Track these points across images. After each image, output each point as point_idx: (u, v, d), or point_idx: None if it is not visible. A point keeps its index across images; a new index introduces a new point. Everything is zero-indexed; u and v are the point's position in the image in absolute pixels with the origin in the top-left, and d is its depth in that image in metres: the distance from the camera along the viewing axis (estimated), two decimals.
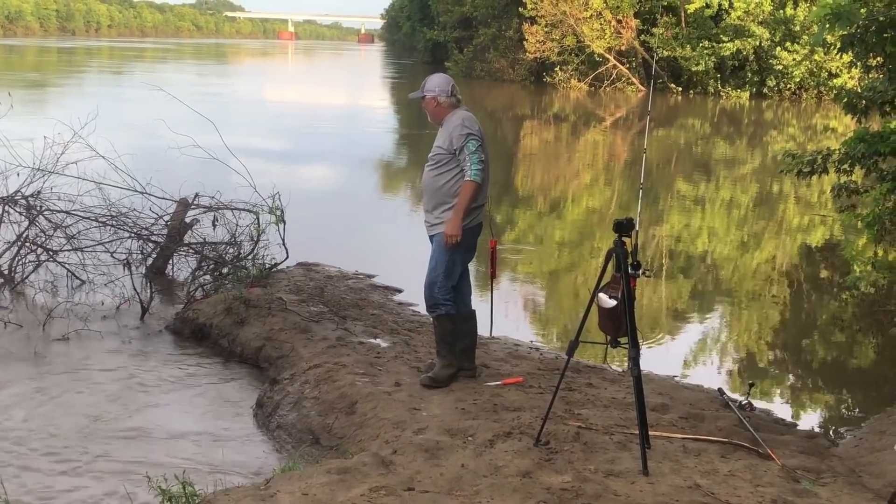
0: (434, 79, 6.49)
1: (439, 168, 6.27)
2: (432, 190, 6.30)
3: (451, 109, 6.36)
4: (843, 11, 6.69)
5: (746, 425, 5.77)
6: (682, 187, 18.59)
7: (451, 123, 6.29)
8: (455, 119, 6.31)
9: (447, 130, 6.27)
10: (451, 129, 6.24)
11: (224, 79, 53.54)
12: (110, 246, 9.10)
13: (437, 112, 6.43)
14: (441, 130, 6.37)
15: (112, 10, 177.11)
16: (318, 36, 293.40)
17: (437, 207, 6.30)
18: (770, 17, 41.86)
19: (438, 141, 6.36)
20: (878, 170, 8.93)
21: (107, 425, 6.12)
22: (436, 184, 6.27)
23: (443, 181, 6.24)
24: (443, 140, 6.30)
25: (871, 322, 9.34)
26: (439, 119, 6.44)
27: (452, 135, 6.20)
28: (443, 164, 6.27)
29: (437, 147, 6.36)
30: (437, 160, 6.30)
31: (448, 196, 6.22)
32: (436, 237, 6.31)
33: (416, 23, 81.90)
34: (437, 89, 6.37)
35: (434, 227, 6.32)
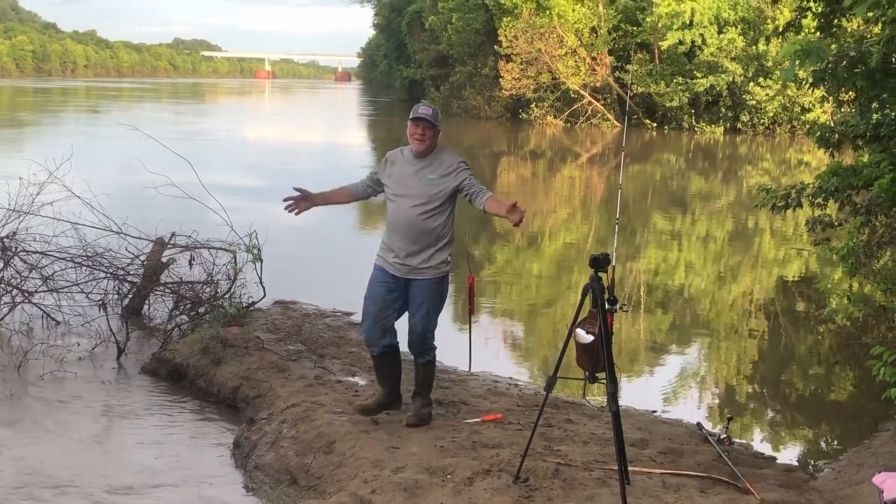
0: (437, 109, 6.23)
1: (433, 210, 6.00)
2: (420, 232, 5.99)
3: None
4: (813, 48, 6.77)
5: (725, 459, 5.77)
6: (658, 222, 18.68)
7: (445, 158, 6.10)
8: (447, 153, 6.16)
9: (441, 165, 6.03)
10: (446, 163, 6.04)
11: (201, 118, 53.51)
12: (86, 287, 9.04)
13: (433, 145, 6.12)
14: (427, 166, 6.04)
15: (88, 51, 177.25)
16: (295, 74, 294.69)
17: (424, 250, 6.01)
18: (743, 54, 42.34)
19: (431, 178, 6.02)
20: (851, 203, 9.01)
21: (81, 468, 6.04)
22: (426, 226, 5.99)
23: (435, 223, 6.02)
24: (439, 176, 6.02)
25: (847, 355, 9.38)
26: (430, 151, 6.11)
27: (452, 170, 6.01)
28: (438, 206, 6.01)
29: (431, 184, 6.01)
30: (431, 200, 5.99)
31: (439, 239, 6.04)
32: (424, 283, 6.06)
33: (393, 61, 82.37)
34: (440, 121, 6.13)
35: (421, 272, 6.04)
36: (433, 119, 6.04)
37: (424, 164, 6.07)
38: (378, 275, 6.21)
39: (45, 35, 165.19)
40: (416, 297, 6.10)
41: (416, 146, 6.06)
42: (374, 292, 6.18)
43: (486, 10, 51.70)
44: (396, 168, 6.18)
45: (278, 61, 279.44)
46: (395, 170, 6.18)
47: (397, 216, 6.07)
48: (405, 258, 6.04)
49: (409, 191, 6.04)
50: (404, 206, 6.02)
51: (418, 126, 6.01)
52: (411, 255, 6.03)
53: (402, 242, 6.04)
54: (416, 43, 65.30)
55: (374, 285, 6.20)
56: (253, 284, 9.33)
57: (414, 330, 6.14)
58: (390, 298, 6.12)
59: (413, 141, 6.06)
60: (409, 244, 6.02)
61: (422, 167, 6.07)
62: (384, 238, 6.24)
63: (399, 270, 6.09)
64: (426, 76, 62.56)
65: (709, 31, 43.03)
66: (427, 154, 6.10)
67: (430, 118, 6.02)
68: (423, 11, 63.79)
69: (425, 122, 6.01)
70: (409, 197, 6.03)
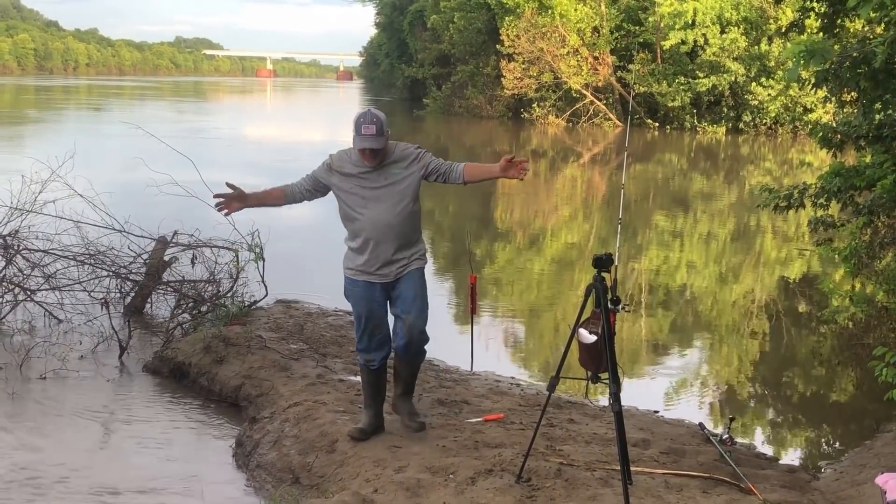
0: (381, 114, 5.63)
1: (409, 204, 5.74)
2: (403, 232, 5.74)
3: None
4: (816, 48, 6.76)
5: (728, 460, 5.77)
6: (660, 222, 18.67)
7: (400, 151, 5.76)
8: (400, 146, 5.80)
9: (400, 157, 5.71)
10: (404, 153, 5.73)
11: (203, 116, 53.51)
12: (88, 285, 9.05)
13: (385, 155, 5.71)
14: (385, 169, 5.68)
15: (90, 49, 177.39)
16: (297, 73, 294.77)
17: (410, 245, 5.80)
18: (745, 54, 42.29)
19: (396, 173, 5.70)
20: (853, 204, 9.01)
21: (84, 467, 6.05)
22: (408, 224, 5.76)
23: (414, 217, 5.81)
24: (403, 169, 5.71)
25: (850, 355, 9.37)
26: (384, 157, 5.70)
27: (413, 157, 5.73)
28: (413, 199, 5.76)
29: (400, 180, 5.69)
30: (405, 195, 5.70)
31: (417, 231, 5.89)
32: (413, 275, 5.81)
33: (395, 60, 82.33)
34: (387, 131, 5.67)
35: (409, 265, 5.80)
36: (377, 144, 5.56)
37: (386, 166, 5.72)
38: (360, 291, 5.84)
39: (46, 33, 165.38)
40: (408, 293, 5.80)
41: (369, 163, 5.67)
42: (364, 309, 5.85)
43: (489, 10, 51.70)
44: (350, 176, 5.73)
45: (280, 60, 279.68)
46: (348, 179, 5.73)
47: (375, 224, 5.67)
48: (392, 261, 5.75)
49: (380, 195, 5.69)
50: (380, 213, 5.67)
51: (364, 152, 5.62)
52: (398, 256, 5.76)
53: (384, 248, 5.71)
54: (418, 42, 65.29)
55: (361, 303, 5.85)
56: (255, 283, 9.34)
57: (413, 328, 5.79)
58: (379, 310, 5.87)
59: (366, 160, 5.67)
60: (394, 247, 5.73)
61: (385, 169, 5.71)
62: (353, 249, 5.83)
63: (385, 277, 5.79)
64: (428, 75, 62.52)
65: (711, 30, 43.00)
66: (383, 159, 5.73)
67: (375, 145, 5.56)
68: (425, 10, 63.77)
69: (370, 151, 5.61)
70: (383, 201, 5.68)
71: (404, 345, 5.86)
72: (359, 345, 6.01)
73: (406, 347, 5.88)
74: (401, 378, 6.13)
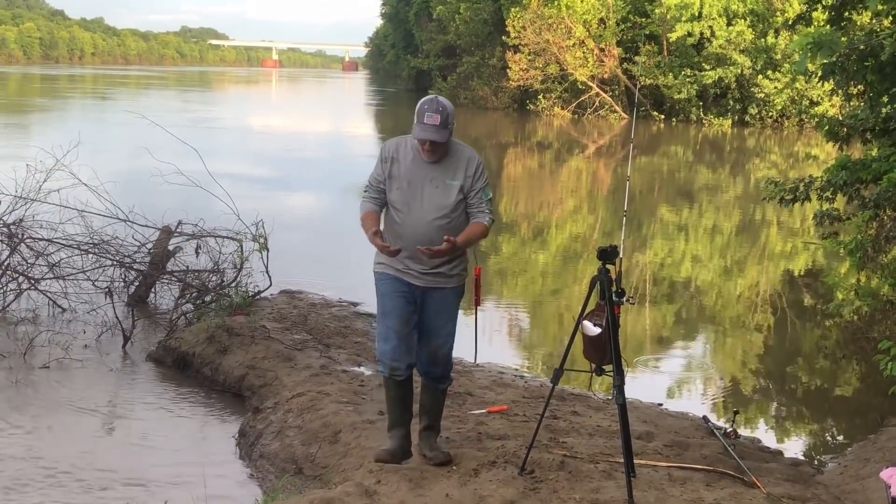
0: (448, 104, 5.13)
1: (456, 217, 5.17)
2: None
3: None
4: (824, 40, 6.74)
5: (731, 453, 5.76)
6: (665, 214, 18.64)
7: (462, 157, 5.20)
8: (465, 152, 5.24)
9: (459, 165, 5.16)
10: (464, 164, 5.16)
11: (208, 106, 53.51)
12: (92, 274, 9.05)
13: (446, 151, 5.18)
14: (444, 168, 5.15)
15: (96, 38, 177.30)
16: (302, 64, 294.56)
17: (450, 259, 5.18)
18: (751, 46, 42.18)
19: (451, 183, 5.14)
20: (859, 197, 8.98)
21: (88, 456, 6.05)
22: (453, 234, 5.05)
23: (458, 229, 5.14)
24: (454, 178, 5.15)
25: (854, 349, 9.35)
26: (444, 154, 5.17)
27: (470, 173, 5.14)
28: (458, 209, 5.18)
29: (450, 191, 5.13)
30: (453, 208, 5.14)
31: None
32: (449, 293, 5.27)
33: (401, 51, 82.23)
34: (452, 122, 5.12)
35: (449, 279, 5.25)
36: (441, 138, 5.04)
37: (440, 167, 5.17)
38: (391, 285, 5.23)
39: (52, 22, 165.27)
40: (440, 312, 5.27)
41: (427, 157, 5.16)
42: (392, 305, 5.21)
43: (495, 1, 51.66)
44: (402, 169, 5.20)
45: (285, 50, 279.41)
46: (401, 170, 5.20)
47: (413, 229, 5.13)
48: (425, 271, 5.18)
49: (426, 200, 5.15)
50: (421, 218, 5.12)
51: (425, 143, 5.09)
52: (435, 266, 5.17)
53: (419, 257, 5.11)
54: (424, 33, 65.18)
55: (391, 297, 5.22)
56: (259, 273, 9.32)
57: (438, 352, 5.29)
58: (410, 311, 5.23)
59: (423, 153, 5.15)
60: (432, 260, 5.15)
61: (438, 170, 5.16)
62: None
63: (420, 279, 5.20)
64: (433, 66, 62.45)
65: (717, 23, 42.89)
66: (441, 154, 5.18)
67: (438, 138, 5.03)
68: (430, 1, 63.63)
69: (432, 142, 5.08)
70: (426, 208, 5.14)
71: (425, 369, 5.37)
72: (383, 347, 5.27)
73: (426, 373, 5.38)
74: (425, 407, 5.50)
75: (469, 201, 5.21)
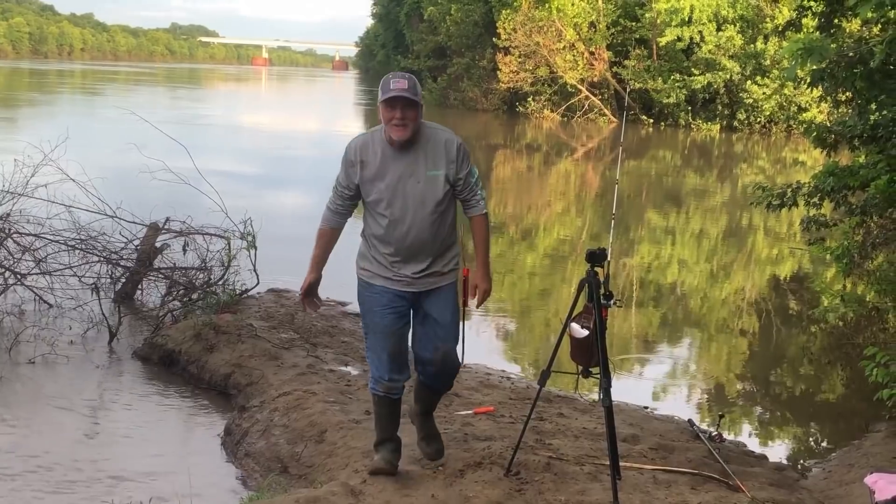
0: (412, 78, 4.71)
1: (444, 209, 4.78)
2: (435, 241, 4.78)
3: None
4: (814, 47, 6.77)
5: (716, 457, 5.77)
6: (653, 218, 18.68)
7: (438, 138, 4.75)
8: (440, 134, 4.77)
9: (438, 151, 4.71)
10: (442, 150, 4.72)
11: (197, 103, 53.36)
12: (79, 270, 9.00)
13: (418, 127, 4.70)
14: (421, 158, 4.69)
15: (85, 34, 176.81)
16: (293, 62, 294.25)
17: (444, 253, 4.84)
18: (741, 52, 42.30)
19: (432, 174, 4.69)
20: (847, 203, 9.01)
21: (72, 452, 6.03)
22: (441, 230, 4.79)
23: (448, 220, 4.84)
24: (435, 167, 4.69)
25: (839, 354, 9.38)
26: (416, 137, 4.70)
27: (452, 157, 4.71)
28: (446, 202, 4.78)
29: (434, 183, 4.70)
30: (440, 201, 4.73)
31: (450, 237, 4.90)
32: (446, 290, 4.90)
33: (391, 51, 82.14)
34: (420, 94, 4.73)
35: (444, 276, 4.87)
36: (412, 94, 4.59)
37: (416, 157, 4.70)
38: (378, 298, 4.83)
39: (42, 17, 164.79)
40: (442, 312, 4.87)
41: (398, 134, 4.62)
42: (383, 324, 4.82)
43: (485, 2, 51.67)
44: (374, 169, 4.73)
45: (276, 49, 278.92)
46: (373, 172, 4.73)
47: (402, 232, 4.72)
48: (420, 273, 4.81)
49: (410, 199, 4.70)
50: (408, 219, 4.70)
51: (395, 107, 4.58)
52: (429, 265, 4.81)
53: (410, 256, 4.78)
54: (415, 33, 65.15)
55: (381, 315, 4.82)
56: (247, 271, 9.30)
57: (446, 358, 4.91)
58: (402, 325, 4.87)
59: (393, 130, 4.63)
60: (423, 256, 4.79)
61: (415, 162, 4.70)
62: (373, 250, 4.88)
63: (413, 285, 4.81)
64: (424, 67, 62.40)
65: (707, 28, 43.00)
66: (414, 141, 4.69)
67: (409, 94, 4.57)
68: (421, 2, 63.58)
69: (403, 101, 4.58)
70: (412, 207, 4.70)
71: (434, 374, 4.98)
72: (376, 369, 4.90)
73: (436, 377, 5.01)
74: (422, 401, 5.25)
75: (457, 190, 4.80)
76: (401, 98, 4.57)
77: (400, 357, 4.88)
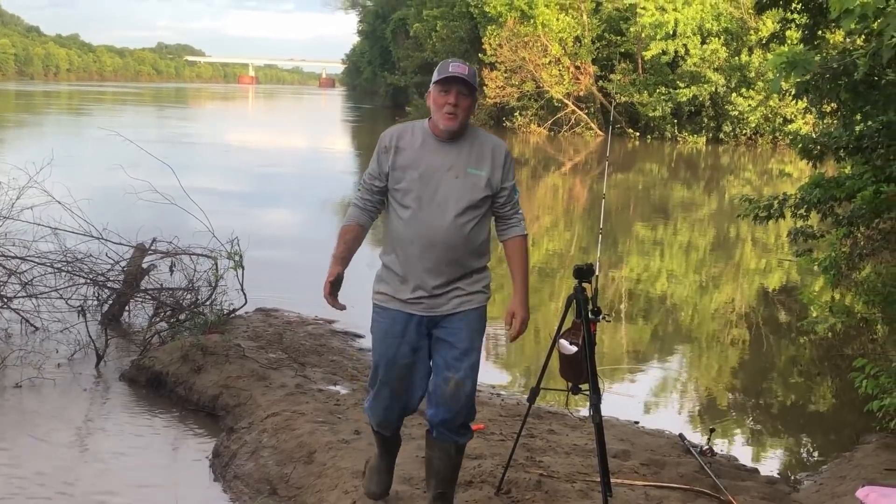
0: (472, 67, 4.32)
1: (480, 216, 4.26)
2: (466, 249, 4.24)
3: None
4: (798, 59, 6.78)
5: (708, 471, 5.76)
6: (640, 231, 18.70)
7: (486, 142, 4.31)
8: (489, 138, 4.37)
9: (484, 153, 4.26)
10: (489, 152, 4.28)
11: (184, 122, 53.32)
12: (65, 292, 8.94)
13: (467, 121, 4.29)
14: (465, 153, 4.24)
15: (71, 55, 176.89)
16: (279, 80, 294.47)
17: (471, 273, 4.31)
18: (725, 64, 42.52)
19: (473, 172, 4.21)
20: (833, 214, 9.04)
21: (60, 475, 5.97)
22: (474, 240, 4.26)
23: (482, 234, 4.32)
24: (484, 171, 4.22)
25: (829, 366, 9.40)
26: (464, 131, 4.28)
27: (499, 162, 4.27)
28: (484, 211, 4.28)
29: (474, 182, 4.20)
30: (477, 204, 4.22)
31: (482, 254, 4.37)
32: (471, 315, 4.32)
33: (377, 68, 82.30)
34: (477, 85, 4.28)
35: (469, 300, 4.30)
36: (471, 80, 4.19)
37: (459, 152, 4.24)
38: (390, 325, 4.32)
39: (27, 38, 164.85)
40: (461, 340, 4.28)
41: (447, 123, 4.19)
42: (388, 353, 4.33)
43: (471, 19, 51.81)
44: (410, 156, 4.27)
45: (262, 67, 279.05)
46: (408, 159, 4.26)
47: (427, 231, 4.18)
48: (442, 287, 4.25)
49: (444, 193, 4.19)
50: (437, 217, 4.18)
51: (450, 92, 4.16)
52: (453, 280, 4.26)
53: (435, 267, 4.21)
54: (401, 50, 65.34)
55: (390, 345, 4.32)
56: (234, 291, 9.26)
57: (460, 391, 4.30)
58: (412, 361, 4.34)
59: (442, 118, 4.21)
60: (450, 267, 4.24)
61: (457, 156, 4.23)
62: (393, 263, 4.34)
63: (429, 308, 4.26)
64: (410, 83, 62.56)
65: (692, 41, 43.23)
66: (460, 135, 4.27)
67: (468, 78, 4.17)
68: (407, 19, 63.83)
69: (460, 85, 4.17)
70: (445, 203, 4.19)
71: (443, 419, 4.33)
72: (371, 401, 4.50)
73: (446, 422, 4.35)
74: (434, 470, 4.54)
75: (498, 202, 4.30)
76: (458, 80, 4.16)
77: (402, 396, 4.37)
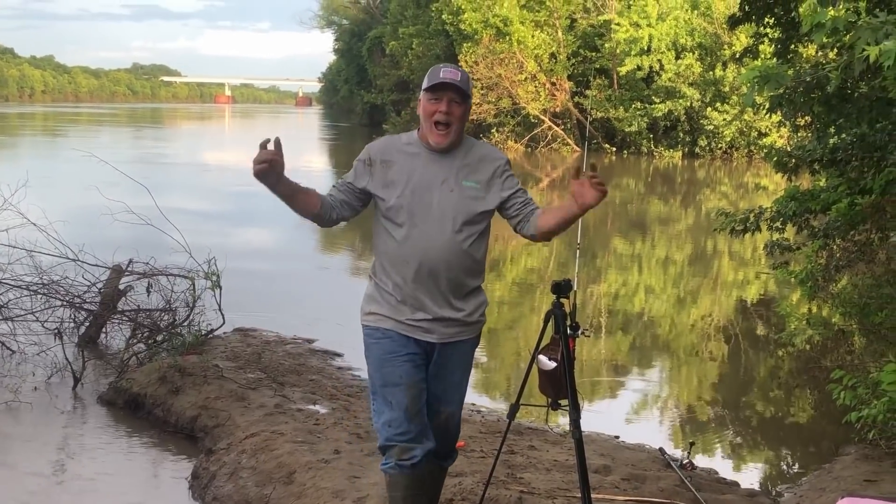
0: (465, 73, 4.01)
1: (479, 233, 4.04)
2: (464, 268, 4.00)
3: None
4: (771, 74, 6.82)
5: (688, 485, 5.76)
6: (618, 245, 18.76)
7: (480, 151, 4.06)
8: (483, 146, 4.12)
9: (479, 163, 4.01)
10: (486, 161, 4.04)
11: (161, 142, 53.16)
12: (41, 315, 8.87)
13: (461, 131, 3.99)
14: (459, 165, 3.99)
15: (46, 76, 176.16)
16: (256, 99, 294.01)
17: (471, 294, 4.08)
18: (700, 79, 42.86)
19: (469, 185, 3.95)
20: (809, 227, 9.10)
21: (37, 498, 5.92)
22: (471, 258, 4.02)
23: (480, 252, 4.08)
24: (480, 183, 3.98)
25: (807, 378, 9.43)
26: (458, 139, 3.99)
27: (498, 171, 4.02)
28: (483, 229, 4.06)
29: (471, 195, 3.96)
30: (475, 219, 3.99)
31: (479, 273, 4.12)
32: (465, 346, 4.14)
33: (354, 86, 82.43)
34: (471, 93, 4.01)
35: (470, 328, 4.09)
36: (465, 86, 3.88)
37: (452, 163, 3.98)
38: (390, 344, 3.98)
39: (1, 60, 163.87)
40: (453, 372, 4.14)
41: (438, 140, 3.94)
42: (398, 374, 3.96)
43: (447, 36, 51.99)
44: (399, 170, 3.99)
45: (238, 86, 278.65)
46: (397, 173, 3.99)
47: (425, 248, 3.90)
48: (441, 308, 3.98)
49: (440, 207, 3.93)
50: (435, 233, 3.91)
51: (441, 99, 3.87)
52: (452, 301, 3.99)
53: (434, 287, 3.94)
54: (377, 68, 65.52)
55: (395, 364, 3.96)
56: (212, 311, 9.21)
57: (449, 422, 4.25)
58: (421, 379, 4.03)
59: (432, 132, 3.94)
60: (449, 289, 3.98)
61: (450, 168, 3.97)
62: (386, 284, 4.02)
63: (433, 333, 3.99)
64: (387, 101, 62.74)
65: (666, 56, 43.56)
66: (453, 147, 3.99)
67: (461, 84, 3.86)
68: (383, 37, 64.02)
69: (452, 91, 3.87)
70: (442, 217, 3.92)
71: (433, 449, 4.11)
72: (387, 430, 4.00)
73: (435, 451, 4.16)
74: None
75: (513, 202, 4.05)
76: (450, 86, 3.85)
77: (419, 419, 4.01)
